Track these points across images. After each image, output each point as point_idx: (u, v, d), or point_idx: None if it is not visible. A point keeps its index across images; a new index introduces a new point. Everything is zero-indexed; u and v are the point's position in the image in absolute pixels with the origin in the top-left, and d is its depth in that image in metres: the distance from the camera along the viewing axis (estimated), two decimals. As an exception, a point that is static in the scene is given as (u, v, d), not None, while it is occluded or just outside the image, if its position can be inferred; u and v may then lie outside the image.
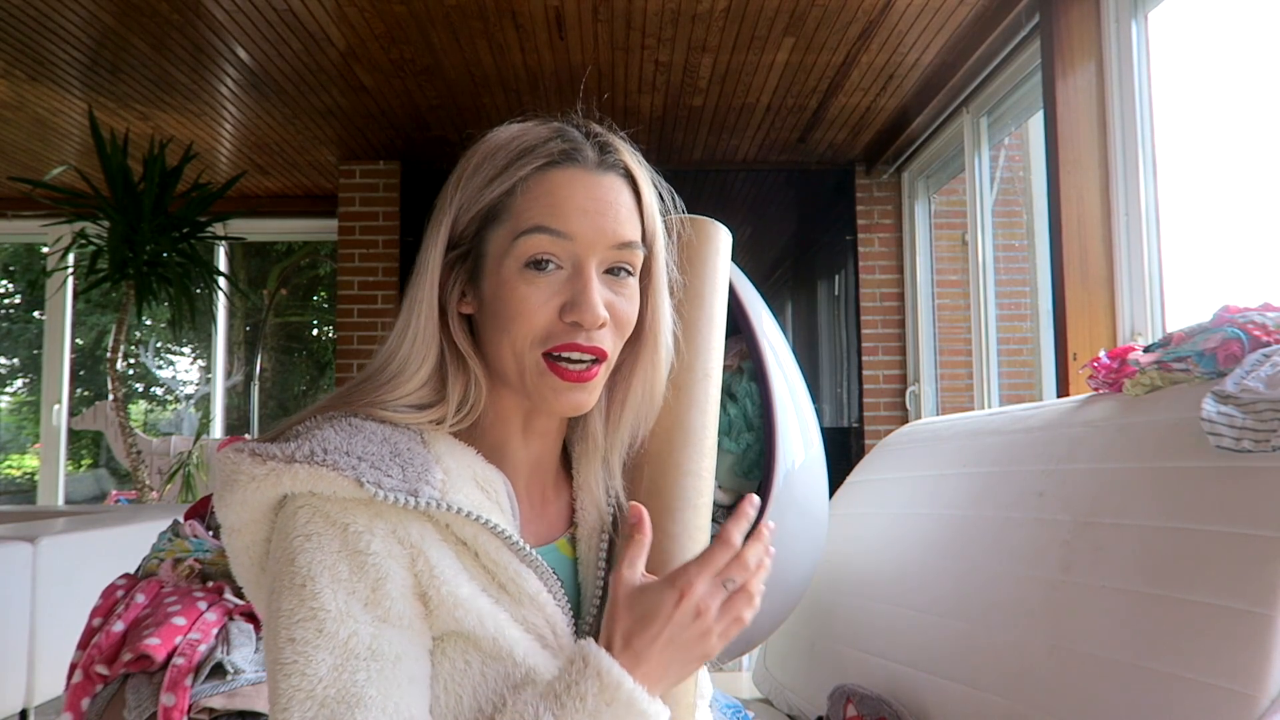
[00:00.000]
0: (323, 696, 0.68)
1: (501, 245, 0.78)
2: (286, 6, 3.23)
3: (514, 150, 0.79)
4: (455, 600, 0.73)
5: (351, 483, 0.71)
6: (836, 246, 5.09)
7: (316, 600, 0.69)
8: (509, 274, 0.77)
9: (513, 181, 0.78)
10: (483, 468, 0.79)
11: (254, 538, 0.77)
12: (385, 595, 0.71)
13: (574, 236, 0.77)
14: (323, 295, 8.44)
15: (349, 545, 0.71)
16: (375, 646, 0.70)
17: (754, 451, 1.40)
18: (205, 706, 1.52)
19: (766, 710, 2.01)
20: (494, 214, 0.79)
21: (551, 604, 0.78)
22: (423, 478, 0.74)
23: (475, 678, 0.74)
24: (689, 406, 0.89)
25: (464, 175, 0.80)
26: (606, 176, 0.80)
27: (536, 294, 0.77)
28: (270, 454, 0.72)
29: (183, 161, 4.04)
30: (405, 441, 0.76)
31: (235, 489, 0.73)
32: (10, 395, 8.68)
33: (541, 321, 0.77)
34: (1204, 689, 1.06)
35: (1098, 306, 2.69)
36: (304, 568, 0.70)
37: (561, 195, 0.77)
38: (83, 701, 1.59)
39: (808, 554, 1.52)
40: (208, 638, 1.60)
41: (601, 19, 3.36)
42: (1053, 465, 1.50)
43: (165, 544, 1.88)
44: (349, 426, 0.75)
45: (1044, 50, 2.88)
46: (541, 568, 0.78)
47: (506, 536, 0.75)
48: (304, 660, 0.69)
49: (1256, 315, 1.33)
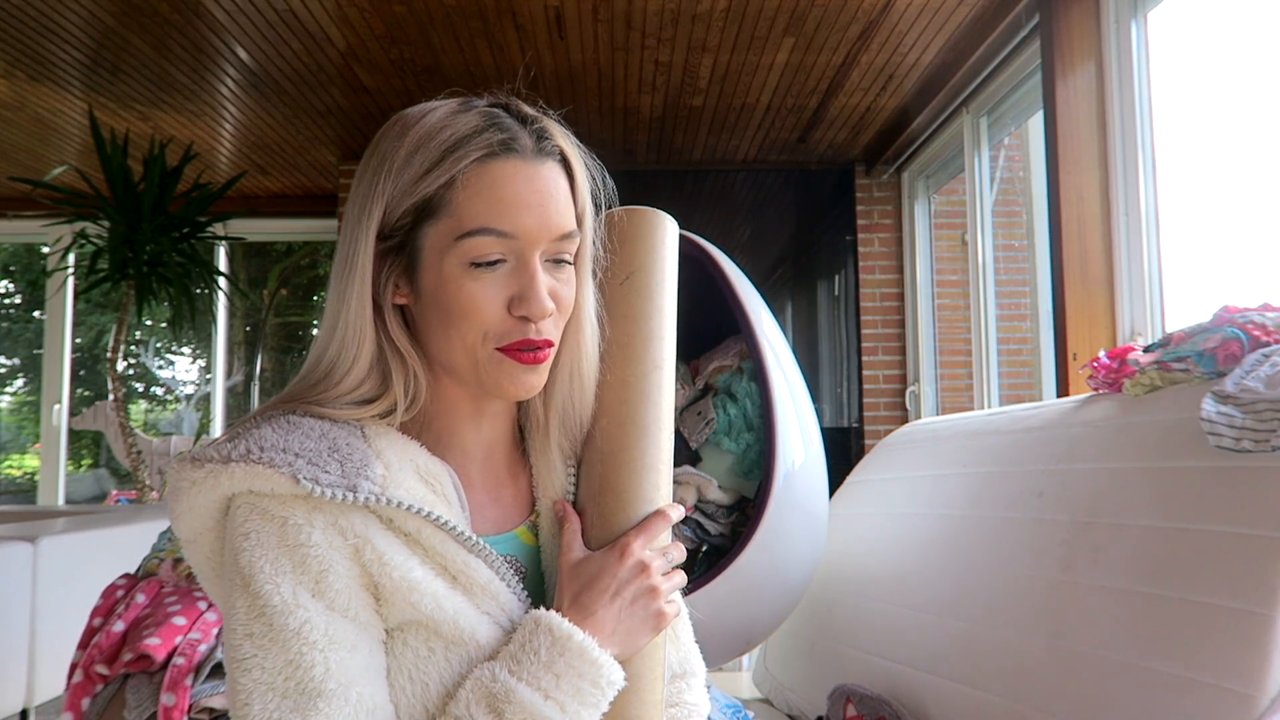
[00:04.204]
0: (283, 689, 0.68)
1: (441, 242, 0.76)
2: (286, 6, 3.23)
3: (448, 141, 0.76)
4: (409, 584, 0.72)
5: (288, 479, 0.70)
6: (836, 246, 5.09)
7: (263, 596, 0.69)
8: (452, 271, 0.76)
9: (450, 175, 0.75)
10: (426, 460, 0.79)
11: (211, 547, 0.77)
12: (330, 586, 0.71)
13: (517, 235, 0.76)
14: (322, 295, 8.44)
15: (288, 538, 0.71)
16: (331, 634, 0.70)
17: (754, 451, 1.40)
18: (205, 706, 1.52)
19: (766, 710, 2.01)
20: (430, 209, 0.76)
21: (505, 591, 0.77)
22: (361, 473, 0.73)
23: (440, 664, 0.73)
24: (640, 400, 0.87)
25: (392, 164, 0.77)
26: (544, 165, 0.78)
27: (483, 290, 0.76)
28: (207, 456, 0.73)
29: (183, 161, 4.04)
30: (344, 437, 0.76)
31: (181, 497, 0.74)
32: (10, 395, 8.69)
33: (490, 317, 0.76)
34: (1204, 689, 1.06)
35: (1098, 306, 2.69)
36: (247, 565, 0.70)
37: (504, 191, 0.76)
38: (83, 701, 1.59)
39: (808, 554, 1.52)
40: (208, 637, 1.60)
41: (601, 19, 3.36)
42: (1052, 465, 1.50)
43: (165, 544, 1.88)
44: (286, 424, 0.75)
45: (1044, 50, 2.88)
46: (490, 556, 0.77)
47: (450, 528, 0.75)
48: (261, 654, 0.69)
49: (1256, 315, 1.33)
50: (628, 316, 0.90)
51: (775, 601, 1.54)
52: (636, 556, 0.78)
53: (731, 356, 1.62)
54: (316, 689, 0.68)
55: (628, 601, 0.77)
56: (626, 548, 0.78)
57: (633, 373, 0.88)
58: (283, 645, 0.69)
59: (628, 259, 0.92)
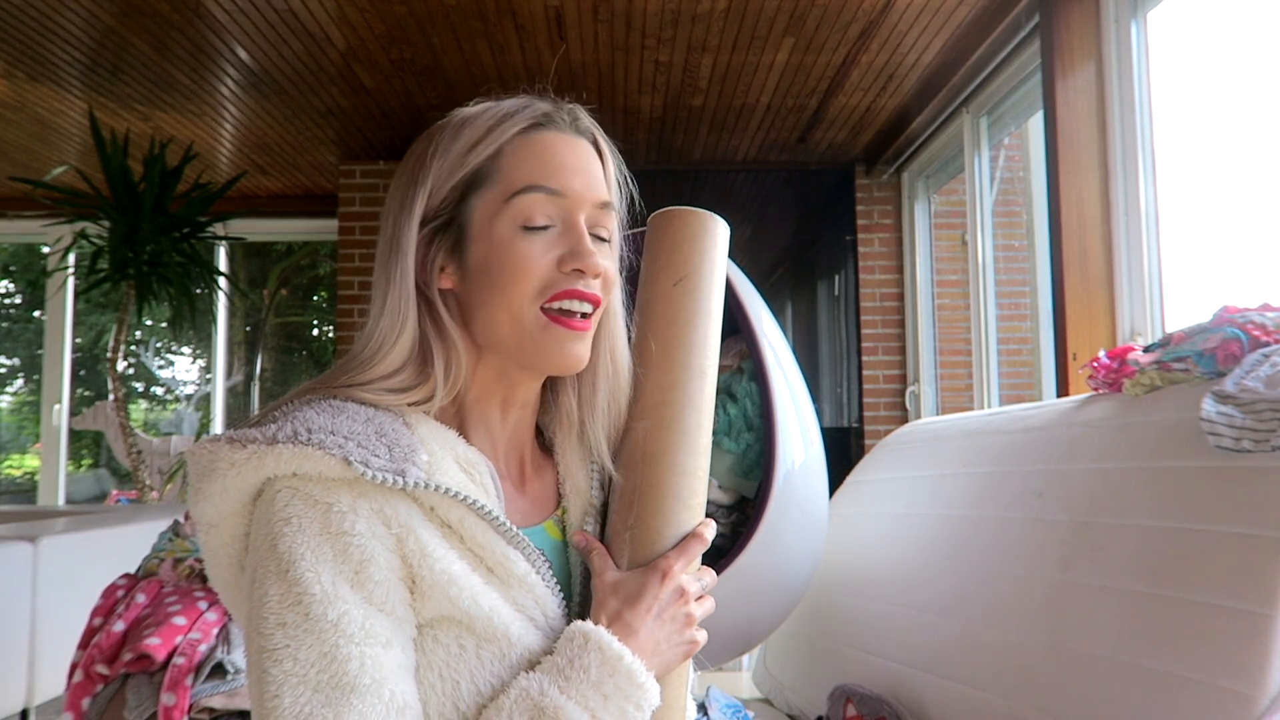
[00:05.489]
0: (315, 681, 0.66)
1: (491, 208, 0.78)
2: (286, 6, 3.23)
3: (492, 117, 0.80)
4: (449, 578, 0.71)
5: (339, 461, 0.69)
6: (836, 246, 5.09)
7: (302, 584, 0.68)
8: (504, 234, 0.78)
9: (498, 145, 0.79)
10: (465, 449, 0.79)
11: (232, 533, 0.75)
12: (370, 578, 0.69)
13: (566, 194, 0.79)
14: (323, 295, 8.44)
15: (332, 526, 0.69)
16: (368, 628, 0.68)
17: (754, 451, 1.40)
18: (205, 706, 1.52)
19: (766, 710, 2.01)
20: (478, 179, 0.79)
21: (540, 585, 0.77)
22: (409, 458, 0.73)
23: (471, 661, 0.72)
24: (684, 404, 0.87)
25: (436, 149, 0.80)
26: (581, 140, 0.83)
27: (534, 248, 0.78)
28: (250, 438, 0.71)
29: (183, 161, 4.04)
30: (389, 422, 0.75)
31: (214, 478, 0.72)
32: (10, 395, 8.68)
33: (542, 273, 0.78)
34: (1204, 689, 1.06)
35: (1098, 306, 2.69)
36: (286, 552, 0.68)
37: (551, 154, 0.79)
38: (83, 701, 1.59)
39: (808, 554, 1.52)
40: (208, 637, 1.60)
41: (601, 19, 3.36)
42: (1052, 465, 1.50)
43: (165, 544, 1.88)
44: (330, 408, 0.74)
45: (1044, 50, 2.88)
46: (529, 548, 0.77)
47: (493, 518, 0.74)
48: (295, 644, 0.67)
49: (1256, 315, 1.33)
50: (678, 320, 0.89)
51: (775, 601, 1.54)
52: (677, 581, 0.78)
53: (731, 356, 1.62)
54: (351, 684, 0.66)
55: (666, 623, 0.77)
56: (669, 570, 0.78)
57: (679, 376, 0.87)
58: (318, 636, 0.67)
59: (681, 261, 0.91)
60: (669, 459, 0.84)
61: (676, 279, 0.90)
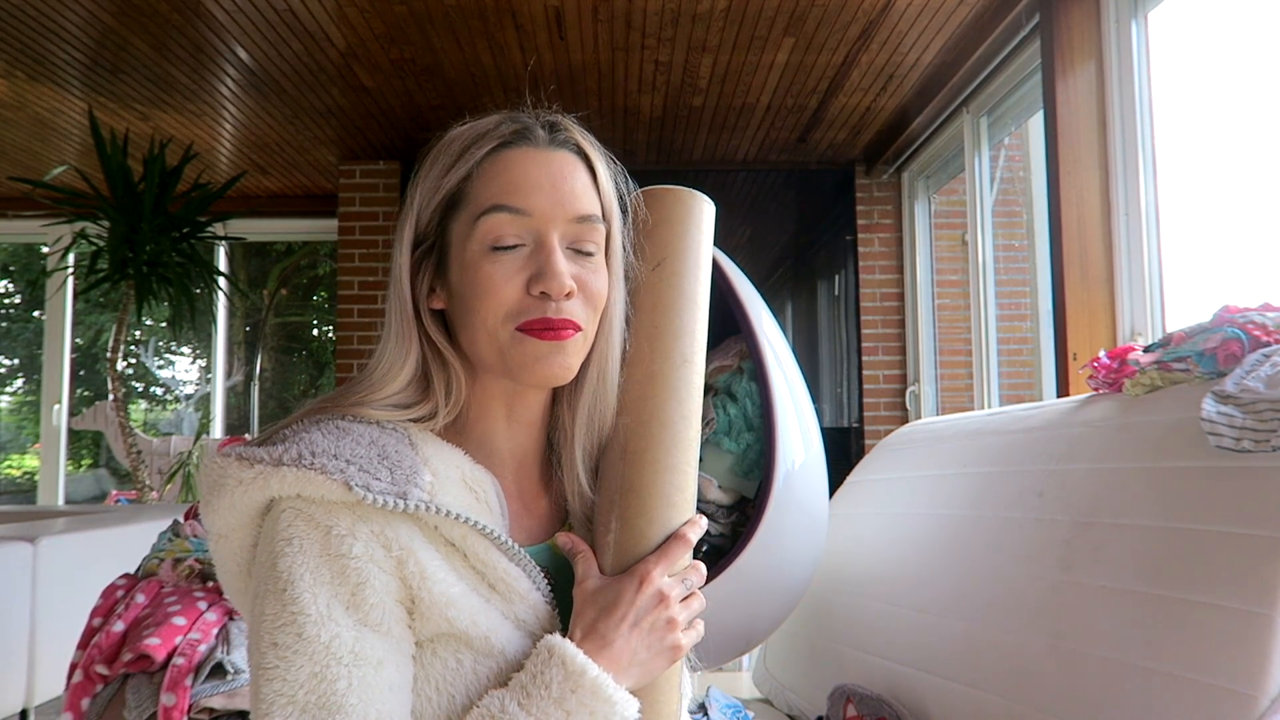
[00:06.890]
0: (304, 702, 0.68)
1: (463, 230, 0.79)
2: (286, 6, 3.23)
3: (468, 138, 0.81)
4: (448, 600, 0.72)
5: (340, 486, 0.71)
6: (836, 246, 5.09)
7: (297, 604, 0.69)
8: (473, 256, 0.78)
9: (468, 167, 0.80)
10: (471, 468, 0.79)
11: (240, 543, 0.77)
12: (365, 600, 0.70)
13: (531, 212, 0.78)
14: (323, 295, 8.44)
15: (331, 548, 0.71)
16: (358, 650, 0.69)
17: (754, 451, 1.40)
18: (205, 706, 1.52)
19: (766, 710, 2.01)
20: (453, 202, 0.80)
21: (541, 602, 0.78)
22: (411, 480, 0.74)
23: (468, 676, 0.73)
24: (667, 396, 0.82)
25: (421, 172, 0.82)
26: (558, 153, 0.81)
27: (501, 270, 0.78)
28: (257, 458, 0.72)
29: (183, 161, 4.04)
30: (393, 444, 0.76)
31: (222, 493, 0.73)
32: (10, 395, 8.68)
33: (510, 296, 0.78)
34: (1204, 689, 1.06)
35: (1098, 306, 2.69)
36: (285, 572, 0.70)
37: (516, 173, 0.79)
38: (83, 701, 1.59)
39: (808, 554, 1.52)
40: (208, 638, 1.60)
41: (601, 19, 3.36)
42: (1052, 465, 1.50)
43: (165, 544, 1.88)
44: (336, 429, 0.75)
45: (1044, 50, 2.88)
46: (530, 566, 0.78)
47: (495, 537, 0.75)
48: (285, 665, 0.68)
49: (1256, 315, 1.33)
50: (657, 306, 0.85)
51: (775, 601, 1.54)
52: (656, 585, 0.77)
53: (731, 356, 1.62)
54: (338, 704, 0.68)
55: (645, 631, 0.76)
56: (646, 576, 0.77)
57: (660, 367, 0.83)
58: (309, 657, 0.68)
59: (660, 244, 0.86)
60: (650, 456, 0.81)
61: (655, 263, 0.86)
